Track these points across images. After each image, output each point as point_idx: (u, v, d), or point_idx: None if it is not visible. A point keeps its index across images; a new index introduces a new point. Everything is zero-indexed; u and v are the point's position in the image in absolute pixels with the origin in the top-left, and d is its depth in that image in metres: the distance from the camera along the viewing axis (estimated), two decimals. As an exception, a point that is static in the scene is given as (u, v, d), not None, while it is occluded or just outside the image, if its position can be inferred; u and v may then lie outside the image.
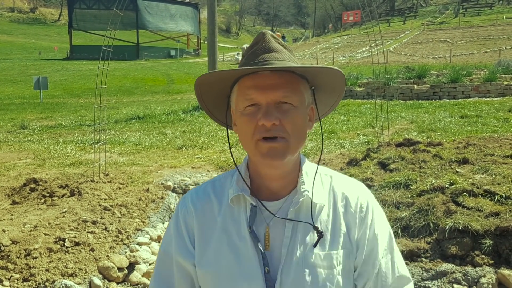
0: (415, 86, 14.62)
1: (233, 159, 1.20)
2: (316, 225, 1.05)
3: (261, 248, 1.04)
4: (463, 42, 33.20)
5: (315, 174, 1.12)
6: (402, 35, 40.16)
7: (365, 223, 1.09)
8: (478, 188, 3.77)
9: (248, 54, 1.09)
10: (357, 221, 1.09)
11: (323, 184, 1.13)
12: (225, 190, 1.13)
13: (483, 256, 3.15)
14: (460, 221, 3.32)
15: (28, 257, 3.41)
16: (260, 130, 1.02)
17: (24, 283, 3.21)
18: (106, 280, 3.49)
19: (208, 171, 6.26)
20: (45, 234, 3.70)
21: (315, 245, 1.04)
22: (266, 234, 1.07)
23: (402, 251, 3.32)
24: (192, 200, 1.15)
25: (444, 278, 3.06)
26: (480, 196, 3.68)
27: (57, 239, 3.66)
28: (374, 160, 5.08)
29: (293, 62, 1.07)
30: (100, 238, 3.86)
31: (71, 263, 3.44)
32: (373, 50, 7.87)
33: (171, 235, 1.15)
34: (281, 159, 1.03)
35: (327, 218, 1.08)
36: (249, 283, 1.03)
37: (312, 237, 1.06)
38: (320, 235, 1.04)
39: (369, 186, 4.38)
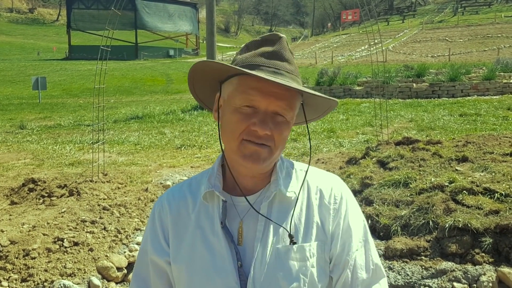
0: (414, 84, 14.63)
1: (221, 147, 1.15)
2: (291, 233, 1.05)
3: (234, 243, 1.06)
4: (461, 40, 33.22)
5: (300, 171, 1.14)
6: (401, 34, 40.17)
7: (339, 215, 1.10)
8: (477, 186, 3.76)
9: (260, 53, 1.05)
10: (331, 213, 1.10)
11: (298, 178, 1.14)
12: (200, 188, 1.15)
13: (483, 254, 3.15)
14: (460, 219, 3.31)
15: (26, 257, 3.39)
16: (250, 133, 1.02)
17: (23, 284, 3.19)
18: (105, 280, 3.47)
19: (204, 170, 6.25)
20: (44, 234, 3.69)
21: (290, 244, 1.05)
22: (240, 229, 1.08)
23: (402, 250, 3.32)
24: (168, 199, 1.17)
25: (444, 276, 3.05)
26: (479, 194, 3.67)
27: (56, 239, 3.65)
28: (374, 159, 5.07)
29: (299, 76, 1.08)
30: (99, 238, 3.84)
31: (70, 263, 3.42)
32: (372, 49, 7.86)
33: (147, 234, 1.17)
34: (261, 164, 1.04)
35: (300, 211, 1.09)
36: (222, 278, 1.04)
37: (284, 230, 1.06)
38: (292, 243, 1.05)
39: (369, 185, 4.37)
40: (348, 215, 1.11)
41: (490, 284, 2.94)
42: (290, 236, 1.05)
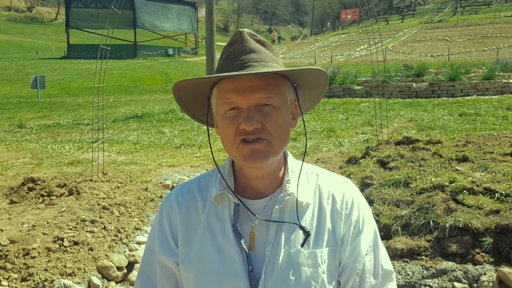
0: (414, 84, 14.63)
1: (213, 158, 1.18)
2: (302, 225, 1.04)
3: (245, 247, 1.04)
4: (461, 40, 33.24)
5: (300, 172, 1.11)
6: (400, 33, 40.18)
7: (350, 220, 1.09)
8: (478, 186, 3.76)
9: (226, 55, 1.06)
10: (342, 218, 1.09)
11: (309, 182, 1.12)
12: (210, 188, 1.13)
13: (484, 254, 3.15)
14: (460, 219, 3.31)
15: (26, 256, 3.38)
16: (241, 133, 1.01)
17: (23, 283, 3.18)
18: (105, 279, 3.47)
19: (207, 169, 6.24)
20: (44, 234, 3.68)
21: (302, 245, 1.04)
22: (251, 233, 1.06)
23: (402, 250, 3.32)
24: (177, 198, 1.15)
25: (445, 276, 3.05)
26: (480, 194, 3.67)
27: (56, 239, 3.64)
28: (374, 159, 5.07)
29: (273, 62, 1.05)
30: (99, 237, 3.84)
31: (70, 262, 3.42)
32: (371, 48, 7.85)
33: (155, 233, 1.15)
34: (264, 160, 1.02)
35: (312, 217, 1.08)
36: (232, 282, 1.03)
37: (296, 235, 1.05)
38: (307, 234, 1.03)
39: (369, 185, 4.37)
40: (359, 220, 1.10)
41: (491, 284, 2.94)
42: (301, 227, 1.04)
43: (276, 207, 1.06)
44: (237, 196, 1.08)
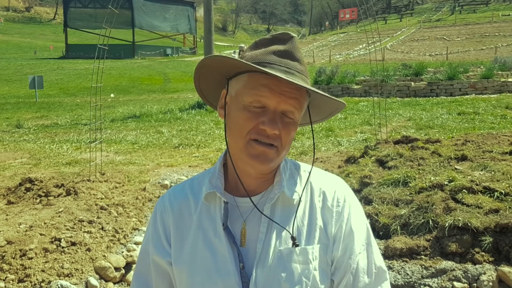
0: (412, 83, 14.62)
1: (226, 143, 1.12)
2: (293, 236, 1.04)
3: (236, 245, 1.05)
4: (459, 39, 33.29)
5: (308, 177, 1.12)
6: (399, 32, 40.22)
7: (342, 218, 1.09)
8: (477, 185, 3.75)
9: (271, 50, 1.04)
10: (334, 216, 1.09)
11: (301, 180, 1.12)
12: (202, 188, 1.13)
13: (483, 253, 3.13)
14: (460, 218, 3.30)
15: (23, 257, 3.36)
16: (258, 132, 1.01)
17: (20, 284, 3.16)
18: (103, 280, 3.45)
19: (205, 169, 6.23)
20: (41, 234, 3.66)
21: (292, 245, 1.04)
22: (243, 230, 1.07)
23: (401, 249, 3.30)
24: (170, 198, 1.15)
25: (444, 275, 3.04)
26: (479, 193, 3.66)
27: (53, 239, 3.62)
28: (372, 158, 5.06)
29: (308, 77, 1.07)
30: (97, 237, 3.82)
31: (67, 263, 3.40)
32: (370, 47, 7.84)
33: (149, 234, 1.16)
34: (267, 164, 1.03)
35: (303, 214, 1.08)
36: (223, 279, 1.03)
37: (287, 233, 1.05)
38: (295, 245, 1.03)
39: (368, 184, 4.36)
40: (350, 218, 1.09)
41: (490, 284, 2.93)
42: (293, 238, 1.04)
43: (267, 204, 1.06)
44: (227, 193, 1.09)
